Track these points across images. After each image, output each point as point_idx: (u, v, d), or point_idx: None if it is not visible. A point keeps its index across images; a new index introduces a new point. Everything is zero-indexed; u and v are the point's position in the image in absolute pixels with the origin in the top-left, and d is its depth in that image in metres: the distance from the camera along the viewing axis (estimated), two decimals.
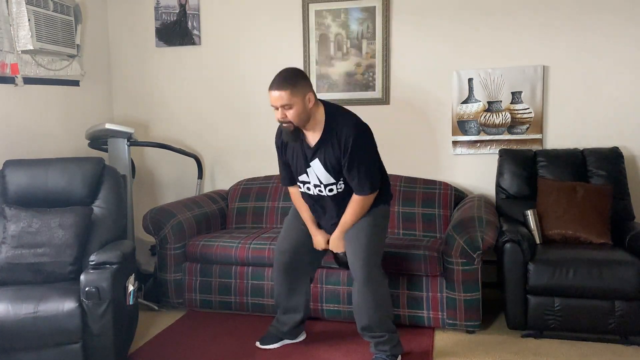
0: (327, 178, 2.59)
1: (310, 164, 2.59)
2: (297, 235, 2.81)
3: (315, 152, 2.56)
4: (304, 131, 2.58)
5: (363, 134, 2.53)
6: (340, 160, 2.53)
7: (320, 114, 2.55)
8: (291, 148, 2.66)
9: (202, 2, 4.08)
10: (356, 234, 2.62)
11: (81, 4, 3.81)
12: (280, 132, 2.68)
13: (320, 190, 2.65)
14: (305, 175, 2.65)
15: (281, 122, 2.52)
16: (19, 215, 2.78)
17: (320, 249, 2.80)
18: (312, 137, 2.57)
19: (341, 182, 2.60)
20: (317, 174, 2.60)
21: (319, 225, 2.80)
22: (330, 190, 2.62)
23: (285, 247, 2.82)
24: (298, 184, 2.73)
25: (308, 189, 2.68)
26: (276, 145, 2.74)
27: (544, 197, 3.29)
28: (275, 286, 2.89)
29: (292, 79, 2.46)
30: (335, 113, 2.57)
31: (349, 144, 2.47)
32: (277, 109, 2.48)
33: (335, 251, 2.76)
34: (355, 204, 2.60)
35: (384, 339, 2.66)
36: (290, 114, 2.47)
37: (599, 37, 3.48)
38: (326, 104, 2.60)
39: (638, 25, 3.42)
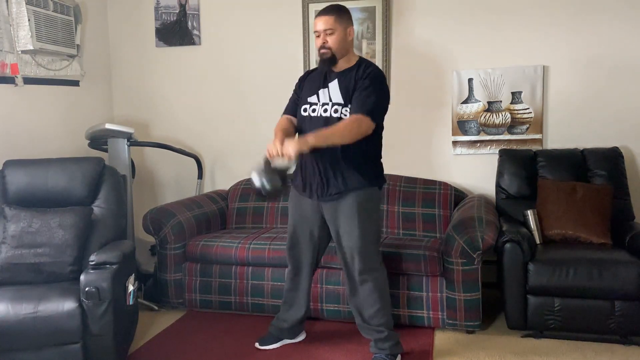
0: (338, 97, 2.61)
1: (329, 84, 2.64)
2: (293, 222, 2.80)
3: (339, 75, 2.63)
4: (336, 67, 2.64)
5: (384, 80, 2.63)
6: (357, 86, 2.57)
7: (354, 57, 2.68)
8: (312, 79, 2.72)
9: (202, 2, 4.08)
10: (348, 226, 2.60)
11: (81, 4, 3.81)
12: (307, 73, 2.82)
13: (325, 110, 2.62)
14: (315, 96, 2.67)
15: (320, 48, 2.60)
16: (19, 215, 2.78)
17: (271, 151, 2.46)
18: (341, 68, 2.65)
19: (347, 108, 2.57)
20: (330, 92, 2.63)
21: (305, 188, 2.69)
22: (335, 111, 2.59)
23: (289, 243, 2.84)
24: (302, 108, 2.69)
25: (314, 110, 2.64)
26: (299, 79, 2.83)
27: (544, 197, 3.29)
28: (287, 281, 2.90)
29: (338, 9, 2.62)
30: (367, 61, 2.69)
31: (370, 74, 2.57)
32: (318, 36, 2.59)
33: (286, 149, 2.38)
34: (348, 120, 2.51)
35: (384, 336, 2.66)
36: (331, 40, 2.56)
37: (598, 37, 3.48)
38: (360, 57, 2.72)
39: (638, 25, 3.42)
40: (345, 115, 2.56)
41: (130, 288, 2.67)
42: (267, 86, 4.01)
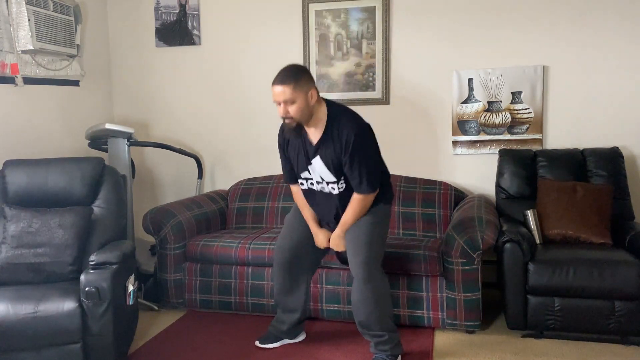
0: (328, 176, 2.60)
1: (312, 161, 2.60)
2: (298, 234, 2.81)
3: (317, 149, 2.57)
4: (306, 128, 2.59)
5: (364, 133, 2.54)
6: (341, 159, 2.53)
7: (323, 112, 2.56)
8: (293, 145, 2.66)
9: (202, 2, 4.08)
10: (356, 233, 2.62)
11: (81, 4, 3.81)
12: (282, 130, 2.70)
13: (322, 187, 2.66)
14: (307, 172, 2.66)
15: (284, 118, 2.54)
16: (19, 215, 2.78)
17: (322, 247, 2.81)
18: (314, 135, 2.58)
19: (342, 180, 2.61)
20: (318, 172, 2.61)
21: (320, 224, 2.80)
22: (332, 187, 2.63)
23: (285, 245, 2.82)
24: (300, 181, 2.73)
25: (311, 184, 2.69)
26: (278, 143, 2.75)
27: (544, 197, 3.29)
28: (275, 284, 2.90)
29: (295, 75, 2.48)
30: (337, 111, 2.58)
31: (350, 143, 2.48)
32: (279, 104, 2.50)
33: (336, 249, 2.76)
34: (355, 203, 2.60)
35: (384, 339, 2.66)
36: (293, 110, 2.48)
37: (599, 37, 3.48)
38: (328, 102, 2.61)
39: (638, 25, 3.42)
40: (342, 187, 2.62)
41: (130, 288, 2.67)
42: (267, 86, 3.94)
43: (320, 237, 2.78)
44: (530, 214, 3.22)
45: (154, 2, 4.16)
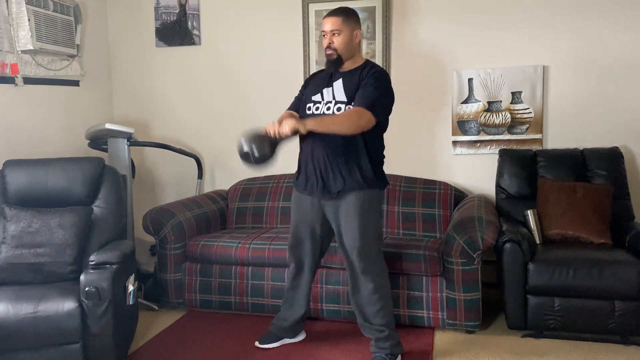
0: (341, 96, 2.62)
1: (333, 83, 2.65)
2: (298, 222, 2.80)
3: (343, 75, 2.65)
4: (342, 68, 2.65)
5: (388, 79, 2.65)
6: (360, 85, 2.58)
7: (360, 59, 2.69)
8: (318, 78, 2.75)
9: (202, 2, 4.08)
10: (349, 225, 2.61)
11: (81, 4, 3.81)
12: (314, 74, 2.86)
13: (328, 107, 2.63)
14: (319, 95, 2.69)
15: (327, 48, 2.62)
16: (19, 215, 2.78)
17: (270, 130, 2.52)
18: (345, 69, 2.66)
19: (351, 106, 2.58)
20: (334, 91, 2.64)
21: (306, 186, 2.70)
22: (338, 109, 2.61)
23: (291, 242, 2.84)
24: (307, 106, 2.70)
25: (317, 108, 2.66)
26: (305, 80, 2.87)
27: (544, 197, 3.29)
28: (288, 280, 2.92)
29: (346, 11, 2.64)
30: (373, 64, 2.71)
31: (373, 73, 2.59)
32: (325, 36, 2.61)
33: (279, 130, 2.45)
34: (348, 111, 2.55)
35: (384, 335, 2.66)
36: (337, 40, 2.59)
37: (599, 37, 3.48)
38: (366, 59, 2.73)
39: (638, 25, 3.42)
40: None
41: (130, 288, 2.67)
42: (267, 86, 4.01)
43: (275, 123, 2.55)
44: (530, 214, 3.22)
45: (154, 2, 4.16)
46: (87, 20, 3.99)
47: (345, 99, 2.60)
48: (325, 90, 2.67)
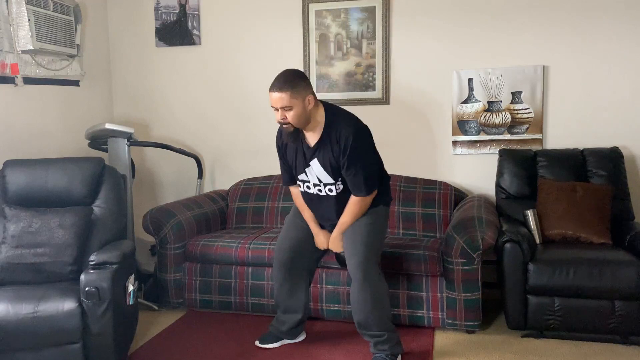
0: (326, 178, 2.61)
1: (310, 163, 2.61)
2: (297, 234, 2.82)
3: (315, 152, 2.58)
4: (304, 132, 2.60)
5: (362, 135, 2.55)
6: (339, 161, 2.54)
7: (320, 115, 2.57)
8: (291, 148, 2.67)
9: (202, 2, 4.08)
10: (354, 233, 2.63)
11: (81, 4, 3.81)
12: (280, 133, 2.71)
13: (319, 190, 2.66)
14: (304, 174, 2.67)
15: (281, 124, 2.54)
16: (19, 215, 2.78)
17: (321, 248, 2.82)
18: (312, 138, 2.59)
19: (340, 182, 2.61)
20: (316, 173, 2.62)
21: (321, 225, 2.81)
22: (330, 190, 2.64)
23: (285, 246, 2.83)
24: (298, 182, 2.74)
25: (308, 187, 2.70)
26: (277, 145, 2.77)
27: (544, 197, 3.29)
28: (275, 285, 2.90)
29: (292, 81, 2.47)
30: (335, 114, 2.58)
31: (348, 145, 2.49)
32: (277, 110, 2.50)
33: (334, 251, 2.77)
34: (353, 205, 2.61)
35: (383, 339, 2.66)
36: (290, 116, 2.48)
37: (598, 37, 3.48)
38: (326, 105, 2.61)
39: (638, 25, 3.42)
40: (339, 189, 2.63)
41: (130, 288, 2.67)
42: (267, 86, 3.95)
43: (320, 238, 2.79)
44: (530, 214, 3.22)
45: (154, 2, 4.16)
46: (87, 20, 3.99)
47: (330, 180, 2.61)
48: (307, 171, 2.65)
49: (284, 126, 2.54)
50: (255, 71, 4.04)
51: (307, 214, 2.79)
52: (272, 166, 3.98)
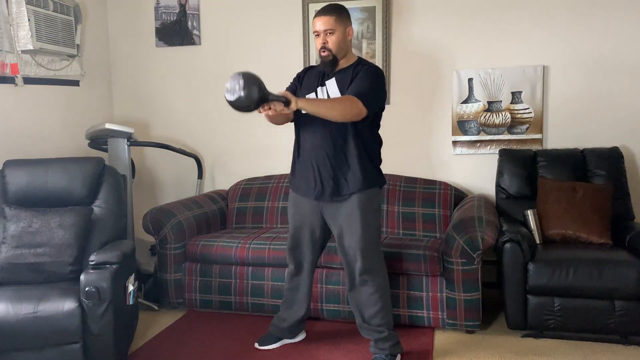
0: (335, 93, 2.62)
1: (326, 82, 2.64)
2: (297, 225, 2.80)
3: (336, 74, 2.63)
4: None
5: (381, 74, 2.63)
6: (354, 80, 2.57)
7: (353, 56, 2.69)
8: (311, 75, 2.73)
9: (202, 2, 4.08)
10: (350, 226, 2.61)
11: (81, 4, 3.81)
12: (307, 68, 2.83)
13: None
14: (313, 94, 2.68)
15: (321, 49, 2.59)
16: (19, 215, 2.78)
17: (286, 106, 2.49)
18: (339, 67, 2.65)
19: None
20: (328, 89, 2.64)
21: (303, 189, 2.70)
22: None
23: (290, 244, 2.83)
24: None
25: None
26: (298, 74, 2.82)
27: (544, 197, 3.29)
28: (286, 281, 2.90)
29: (338, 9, 2.61)
30: (366, 61, 2.70)
31: (366, 69, 2.58)
32: (318, 36, 2.59)
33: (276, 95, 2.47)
34: (340, 98, 2.55)
35: (384, 335, 2.66)
36: (332, 40, 2.56)
37: (599, 37, 3.48)
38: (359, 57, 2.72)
39: (638, 25, 3.42)
40: None
41: (130, 288, 2.67)
42: (266, 86, 3.99)
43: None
44: (530, 214, 3.22)
45: (154, 2, 4.16)
46: (87, 20, 3.99)
47: (339, 95, 2.60)
48: (319, 89, 2.67)
49: (323, 53, 2.59)
50: (255, 71, 4.00)
51: None
52: (272, 166, 3.99)
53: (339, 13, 2.59)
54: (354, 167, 2.58)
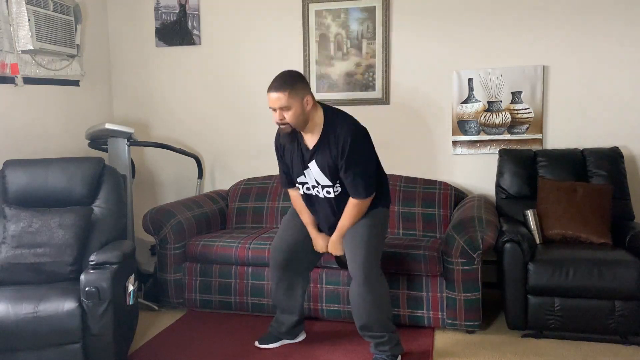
0: (324, 180, 2.60)
1: (308, 165, 2.61)
2: (294, 235, 2.82)
3: (313, 154, 2.58)
4: (302, 133, 2.60)
5: (360, 137, 2.55)
6: (337, 163, 2.53)
7: (319, 117, 2.56)
8: (290, 150, 2.67)
9: (202, 2, 4.08)
10: (354, 235, 2.63)
11: (81, 4, 3.81)
12: (279, 135, 2.70)
13: (317, 192, 2.66)
14: (303, 176, 2.67)
15: (279, 124, 2.54)
16: (19, 215, 2.78)
17: (321, 252, 2.82)
18: (310, 140, 2.59)
19: (338, 184, 2.61)
20: (314, 175, 2.62)
21: (319, 229, 2.80)
22: (328, 192, 2.63)
23: (281, 246, 2.83)
24: (297, 185, 2.73)
25: (307, 189, 2.69)
26: (275, 147, 2.76)
27: (544, 197, 3.29)
28: (272, 285, 2.91)
29: (290, 81, 2.48)
30: (334, 116, 2.58)
31: (346, 147, 2.48)
32: (275, 110, 2.50)
33: (334, 254, 2.77)
34: (352, 207, 2.61)
35: (384, 339, 2.66)
36: (288, 116, 2.48)
37: (599, 37, 3.48)
38: (325, 107, 2.61)
39: (637, 25, 3.42)
40: (337, 191, 2.62)
41: (130, 288, 2.67)
42: (266, 86, 3.97)
43: (319, 242, 2.79)
44: (530, 214, 3.22)
45: (154, 2, 4.16)
46: (87, 20, 3.99)
47: (328, 182, 2.60)
48: (305, 173, 2.65)
49: (282, 127, 2.54)
50: (255, 71, 4.04)
51: (306, 217, 2.79)
52: (272, 166, 3.96)
53: (292, 87, 2.46)
54: None
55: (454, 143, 3.75)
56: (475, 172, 3.73)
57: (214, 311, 3.38)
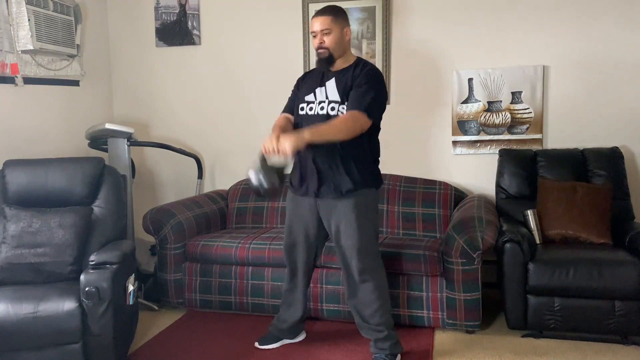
0: (334, 95, 2.62)
1: (326, 83, 2.65)
2: (290, 224, 2.79)
3: (336, 74, 2.65)
4: (333, 68, 2.65)
5: (381, 77, 2.64)
6: (354, 83, 2.58)
7: (352, 56, 2.70)
8: (310, 78, 2.75)
9: (202, 2, 4.08)
10: (346, 226, 2.60)
11: (81, 4, 3.81)
12: (306, 73, 2.86)
13: (322, 107, 2.62)
14: (312, 94, 2.68)
15: (318, 48, 2.62)
16: (19, 215, 2.78)
17: (268, 147, 2.42)
18: (337, 68, 2.66)
19: (344, 106, 2.58)
20: (327, 91, 2.64)
21: (302, 186, 2.70)
22: (332, 108, 2.60)
23: (286, 242, 2.83)
24: (298, 109, 2.71)
25: (310, 108, 2.66)
26: (297, 80, 2.84)
27: (544, 197, 3.29)
28: (285, 282, 2.91)
29: (335, 9, 2.64)
30: (365, 61, 2.70)
31: (366, 72, 2.59)
32: (315, 36, 2.61)
33: (283, 145, 2.33)
34: (343, 117, 2.53)
35: (383, 335, 2.66)
36: (328, 40, 2.58)
37: (599, 37, 3.48)
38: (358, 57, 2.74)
39: (637, 25, 3.42)
40: (342, 112, 2.58)
41: (130, 288, 2.67)
42: (266, 86, 4.01)
43: (273, 139, 2.41)
44: (530, 214, 3.22)
45: (154, 2, 4.16)
46: (87, 20, 3.99)
47: (338, 99, 2.60)
48: (318, 90, 2.67)
49: (320, 51, 2.61)
50: (255, 71, 4.04)
51: (276, 125, 2.68)
52: None
53: (336, 14, 2.61)
54: (351, 167, 2.58)
55: (454, 143, 3.75)
56: (475, 172, 3.73)
57: (214, 311, 3.38)
